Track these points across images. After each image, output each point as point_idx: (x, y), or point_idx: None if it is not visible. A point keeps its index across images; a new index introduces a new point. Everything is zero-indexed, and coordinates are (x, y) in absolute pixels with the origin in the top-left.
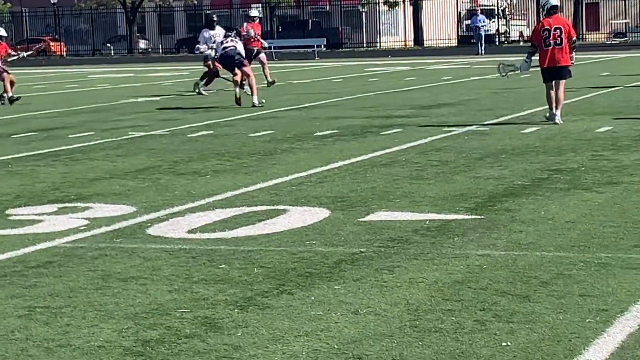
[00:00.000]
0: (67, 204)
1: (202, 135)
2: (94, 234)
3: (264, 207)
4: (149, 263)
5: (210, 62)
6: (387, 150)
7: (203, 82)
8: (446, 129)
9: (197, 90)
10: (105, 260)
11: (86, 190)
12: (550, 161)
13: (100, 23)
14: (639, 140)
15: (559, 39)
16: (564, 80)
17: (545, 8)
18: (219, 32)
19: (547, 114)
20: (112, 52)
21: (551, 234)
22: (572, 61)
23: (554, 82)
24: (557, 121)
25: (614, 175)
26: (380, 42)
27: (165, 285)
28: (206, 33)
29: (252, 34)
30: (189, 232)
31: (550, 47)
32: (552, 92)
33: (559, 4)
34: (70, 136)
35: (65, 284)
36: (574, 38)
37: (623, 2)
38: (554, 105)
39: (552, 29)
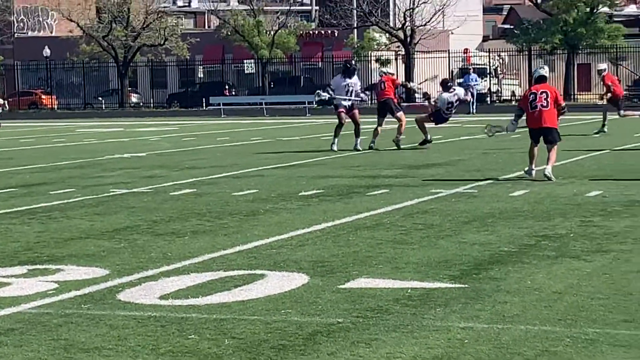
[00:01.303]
0: (38, 266)
1: (184, 193)
2: (62, 299)
3: (241, 272)
4: (116, 332)
5: (341, 111)
6: (372, 212)
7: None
8: (434, 190)
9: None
10: (70, 328)
11: (60, 251)
12: (539, 226)
13: (92, 76)
14: (630, 205)
15: (545, 101)
16: (555, 146)
17: (534, 77)
18: (355, 81)
19: (526, 169)
20: (104, 105)
21: (537, 305)
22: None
23: (546, 146)
24: (547, 174)
25: (604, 243)
26: (371, 99)
27: (129, 358)
28: (342, 81)
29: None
30: (161, 297)
31: (536, 109)
32: (536, 150)
33: (547, 75)
34: (50, 192)
35: (25, 354)
36: (563, 104)
37: (615, 63)
38: (534, 161)
39: (539, 92)
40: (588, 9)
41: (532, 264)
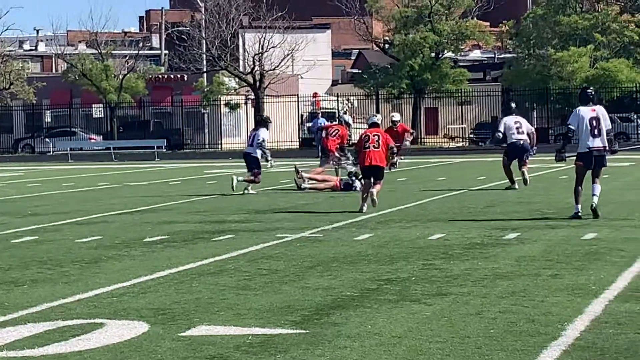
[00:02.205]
0: None
1: (26, 241)
2: None
3: (80, 321)
4: None
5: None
6: (217, 258)
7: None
8: (279, 235)
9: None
10: None
11: None
12: (382, 270)
13: None
14: (470, 248)
15: (376, 143)
16: (379, 182)
17: (368, 123)
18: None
19: (360, 207)
20: None
21: (377, 350)
22: (394, 165)
23: (372, 180)
24: (363, 210)
25: (444, 286)
26: (222, 144)
27: None
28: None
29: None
30: None
31: (368, 150)
32: (370, 188)
33: (379, 122)
34: None
35: None
36: (391, 145)
37: (460, 107)
38: (367, 197)
39: (372, 135)
40: (433, 54)
41: (374, 308)
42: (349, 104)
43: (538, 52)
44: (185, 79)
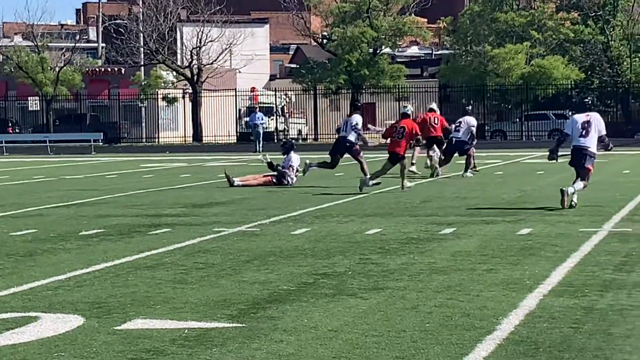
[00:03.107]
0: None
1: None
2: None
3: (15, 314)
4: None
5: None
6: (153, 252)
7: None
8: (216, 229)
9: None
10: None
11: None
12: (318, 264)
13: None
14: (406, 243)
15: (400, 134)
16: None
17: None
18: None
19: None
20: None
21: (313, 344)
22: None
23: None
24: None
25: (380, 281)
26: (159, 138)
27: None
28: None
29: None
30: None
31: (394, 139)
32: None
33: (409, 113)
34: None
35: None
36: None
37: (398, 103)
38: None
39: (399, 126)
40: (371, 50)
41: (310, 302)
42: (287, 99)
43: (475, 49)
44: (123, 72)
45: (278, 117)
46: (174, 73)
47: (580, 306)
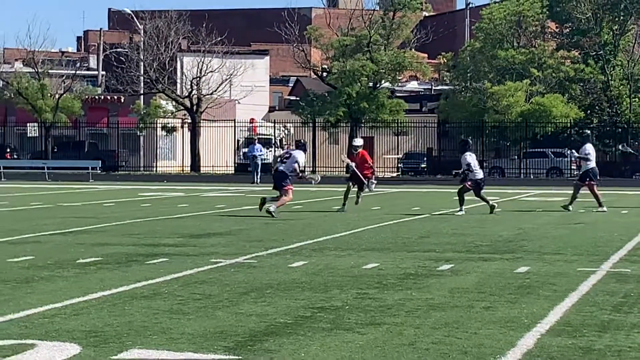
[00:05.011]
0: None
1: None
2: None
3: (11, 341)
4: None
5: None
6: (150, 281)
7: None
8: (214, 260)
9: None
10: None
11: None
12: (315, 298)
13: None
14: (404, 278)
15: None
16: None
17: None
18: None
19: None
20: None
21: None
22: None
23: None
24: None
25: (377, 316)
26: (157, 167)
27: None
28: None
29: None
30: None
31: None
32: None
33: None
34: None
35: None
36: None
37: (396, 137)
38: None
39: None
40: (371, 84)
41: (307, 335)
42: (286, 131)
43: (475, 85)
44: (122, 100)
45: (276, 149)
46: (174, 102)
47: (578, 346)
